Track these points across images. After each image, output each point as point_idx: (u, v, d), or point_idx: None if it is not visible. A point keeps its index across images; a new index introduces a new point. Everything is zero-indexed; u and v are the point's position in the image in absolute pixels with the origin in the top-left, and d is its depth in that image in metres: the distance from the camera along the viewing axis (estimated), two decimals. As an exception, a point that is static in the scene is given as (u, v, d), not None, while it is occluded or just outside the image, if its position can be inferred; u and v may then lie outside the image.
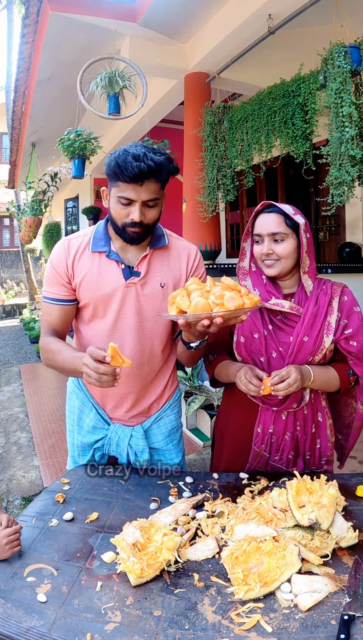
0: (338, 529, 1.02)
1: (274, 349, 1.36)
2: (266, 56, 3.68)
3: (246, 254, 1.45)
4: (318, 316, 1.33)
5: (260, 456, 1.40)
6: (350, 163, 2.58)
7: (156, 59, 3.74)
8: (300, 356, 1.32)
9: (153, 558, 0.96)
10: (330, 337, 1.33)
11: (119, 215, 1.24)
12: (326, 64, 2.62)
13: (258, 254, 1.37)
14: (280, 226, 1.31)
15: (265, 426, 1.38)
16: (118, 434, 1.41)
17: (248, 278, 1.44)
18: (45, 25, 3.44)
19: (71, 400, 1.52)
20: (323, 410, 1.42)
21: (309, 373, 1.29)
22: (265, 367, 1.36)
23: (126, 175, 1.15)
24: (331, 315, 1.34)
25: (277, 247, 1.32)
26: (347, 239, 5.24)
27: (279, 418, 1.37)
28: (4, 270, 15.77)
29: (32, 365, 6.29)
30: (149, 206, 1.23)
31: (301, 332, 1.32)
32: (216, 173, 3.74)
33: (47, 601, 0.88)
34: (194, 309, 1.05)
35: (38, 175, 5.72)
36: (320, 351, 1.32)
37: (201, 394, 3.37)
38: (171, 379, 1.50)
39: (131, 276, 1.31)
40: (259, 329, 1.37)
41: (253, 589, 0.87)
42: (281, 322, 1.36)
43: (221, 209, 3.96)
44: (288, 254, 1.32)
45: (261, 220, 1.35)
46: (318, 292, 1.36)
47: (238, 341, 1.42)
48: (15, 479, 2.95)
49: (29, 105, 5.04)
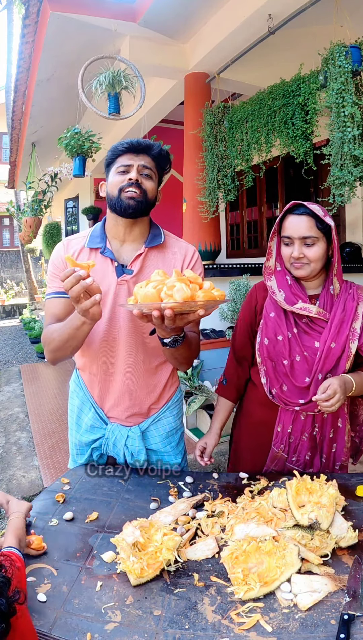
0: (338, 528, 1.02)
1: (298, 352, 1.34)
2: (266, 56, 3.68)
3: (272, 253, 1.42)
4: (345, 322, 1.32)
5: (278, 457, 1.41)
6: (353, 163, 2.57)
7: (156, 59, 3.74)
8: (327, 362, 1.31)
9: (153, 558, 0.96)
10: (355, 343, 1.32)
11: (117, 183, 1.29)
12: (326, 64, 2.62)
13: (287, 257, 1.35)
14: (311, 230, 1.29)
15: (284, 426, 1.39)
16: (115, 434, 1.41)
17: (272, 278, 1.41)
18: (45, 25, 3.44)
19: (72, 399, 1.53)
20: (344, 416, 1.41)
21: (351, 383, 1.28)
22: (288, 370, 1.35)
23: (123, 146, 1.29)
24: (356, 321, 1.32)
25: (308, 251, 1.30)
26: (347, 239, 5.24)
27: (298, 418, 1.38)
28: (4, 270, 15.77)
29: (32, 365, 6.29)
30: (145, 175, 1.30)
31: (329, 339, 1.30)
32: (216, 173, 3.74)
33: (47, 601, 0.88)
34: (144, 299, 1.04)
35: (38, 175, 5.72)
36: (347, 357, 1.31)
37: (201, 394, 3.37)
38: (171, 380, 1.49)
39: (124, 274, 1.33)
40: (283, 332, 1.36)
41: (253, 589, 0.87)
42: (306, 326, 1.35)
43: (222, 209, 3.96)
44: (318, 258, 1.31)
45: (291, 223, 1.32)
46: (346, 296, 1.35)
47: (261, 342, 1.41)
48: (15, 479, 2.95)
49: (29, 105, 5.04)
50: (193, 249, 1.44)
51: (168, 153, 1.34)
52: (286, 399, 1.36)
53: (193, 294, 1.02)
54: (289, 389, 1.36)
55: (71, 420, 1.53)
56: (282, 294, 1.37)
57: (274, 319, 1.38)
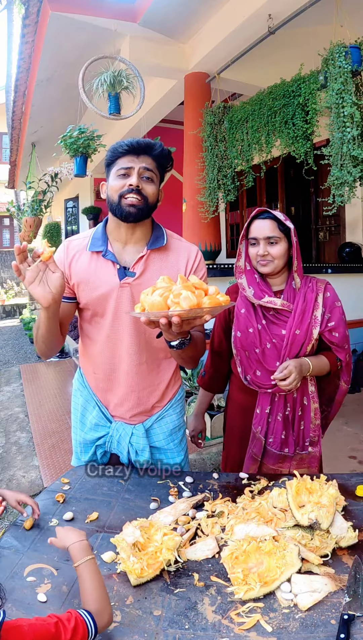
0: (338, 528, 1.02)
1: (268, 341, 1.51)
2: (266, 56, 3.68)
3: (242, 254, 1.58)
4: (307, 311, 1.49)
5: (257, 438, 1.54)
6: (352, 163, 2.58)
7: (156, 59, 3.74)
8: (294, 348, 1.48)
9: (153, 558, 0.96)
10: (317, 329, 1.48)
11: (117, 187, 1.27)
12: (326, 64, 2.62)
13: (253, 255, 1.51)
14: (274, 230, 1.46)
15: (262, 407, 1.54)
16: (119, 432, 1.42)
17: (243, 276, 1.57)
18: (45, 25, 3.44)
19: (75, 397, 1.53)
20: (309, 395, 1.54)
21: (307, 365, 1.45)
22: (260, 357, 1.51)
23: (123, 147, 1.25)
24: (317, 310, 1.50)
25: (272, 249, 1.47)
26: (347, 239, 5.25)
27: (273, 400, 1.53)
28: (4, 270, 15.77)
29: (32, 365, 6.29)
30: (146, 179, 1.27)
31: (294, 326, 1.47)
32: (216, 173, 3.74)
33: (47, 601, 0.88)
34: (151, 307, 1.05)
35: (38, 175, 5.72)
36: (309, 342, 1.48)
37: (201, 394, 3.36)
38: (174, 378, 1.50)
39: (126, 276, 1.32)
40: (253, 324, 1.52)
41: (253, 589, 0.87)
42: (273, 317, 1.52)
43: (222, 209, 3.96)
44: (280, 255, 1.48)
45: (257, 225, 1.49)
46: (306, 289, 1.51)
47: (235, 336, 1.58)
48: (15, 479, 2.95)
49: (29, 105, 5.04)
50: (196, 250, 1.43)
51: (169, 152, 1.33)
52: (259, 383, 1.51)
53: (199, 301, 1.04)
54: (262, 373, 1.51)
55: (74, 418, 1.53)
56: (251, 290, 1.53)
57: (244, 315, 1.55)
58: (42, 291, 1.13)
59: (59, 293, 1.15)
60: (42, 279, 1.13)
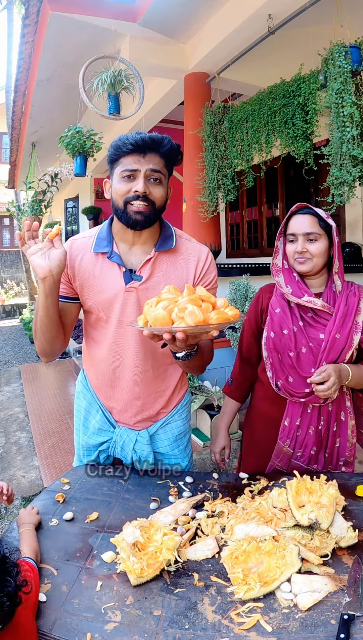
0: (338, 528, 1.02)
1: (304, 344, 1.40)
2: (266, 56, 3.68)
3: (279, 251, 1.49)
4: (348, 315, 1.39)
5: (284, 452, 1.43)
6: (352, 163, 2.57)
7: (156, 59, 3.74)
8: (332, 353, 1.37)
9: (153, 558, 0.96)
10: (358, 335, 1.38)
11: (122, 192, 1.18)
12: (326, 64, 2.62)
13: (291, 252, 1.42)
14: (314, 227, 1.38)
15: (292, 419, 1.42)
16: (123, 438, 1.39)
17: (280, 274, 1.48)
18: (45, 25, 3.44)
19: (78, 400, 1.50)
20: (347, 410, 1.44)
21: (347, 371, 1.34)
22: (294, 362, 1.41)
23: (128, 144, 1.15)
24: (359, 315, 1.39)
25: (311, 246, 1.38)
26: (347, 239, 5.24)
27: (305, 412, 1.41)
28: (4, 270, 15.76)
29: (32, 365, 6.29)
30: (153, 180, 1.18)
31: (333, 330, 1.37)
32: (216, 173, 3.74)
33: (47, 601, 0.88)
34: (154, 321, 0.99)
35: (38, 176, 5.72)
36: (349, 348, 1.38)
37: (201, 394, 3.37)
38: (180, 384, 1.45)
39: (132, 280, 1.25)
40: (289, 326, 1.42)
41: (253, 589, 0.87)
42: (311, 319, 1.41)
43: (221, 209, 3.96)
44: (320, 253, 1.38)
45: (296, 221, 1.40)
46: (348, 292, 1.42)
47: (267, 337, 1.47)
48: (15, 479, 2.95)
49: (29, 105, 5.04)
50: (206, 251, 1.35)
51: (178, 146, 1.22)
52: (292, 390, 1.40)
53: (206, 316, 0.98)
54: (295, 380, 1.41)
55: (77, 421, 1.49)
56: (289, 289, 1.43)
57: (280, 314, 1.44)
58: (42, 262, 1.13)
59: (58, 267, 1.14)
60: (45, 253, 1.14)
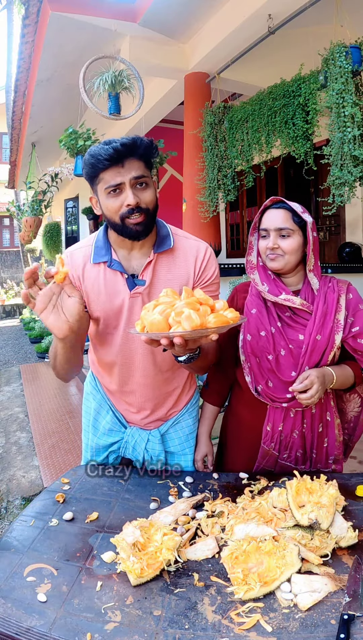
0: (338, 528, 1.02)
1: (283, 346, 1.33)
2: (266, 56, 3.68)
3: (253, 248, 1.42)
4: (328, 314, 1.32)
5: (269, 455, 1.39)
6: (353, 163, 2.57)
7: (156, 59, 3.74)
8: (314, 356, 1.30)
9: (152, 558, 0.96)
10: (340, 335, 1.31)
11: (114, 209, 1.15)
12: (327, 64, 2.63)
13: (263, 249, 1.36)
14: (287, 222, 1.31)
15: (274, 424, 1.37)
16: (135, 438, 1.39)
17: (255, 272, 1.41)
18: (45, 25, 3.44)
19: (87, 401, 1.49)
20: (332, 409, 1.40)
21: (331, 375, 1.28)
22: (274, 365, 1.33)
23: (103, 158, 1.09)
24: (339, 312, 1.32)
25: (283, 242, 1.31)
26: (347, 239, 5.25)
27: (287, 416, 1.36)
28: (4, 270, 15.77)
29: (32, 365, 6.29)
30: (140, 186, 1.15)
31: (314, 331, 1.30)
32: (216, 173, 3.74)
33: (47, 601, 0.88)
34: (151, 326, 0.97)
35: (38, 175, 5.73)
36: (331, 349, 1.31)
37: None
38: (189, 383, 1.45)
39: (136, 285, 1.24)
40: (266, 327, 1.34)
41: (253, 589, 0.87)
42: (290, 319, 1.34)
43: (222, 209, 3.97)
44: (292, 250, 1.31)
45: (269, 215, 1.34)
46: (326, 289, 1.35)
47: (244, 339, 1.39)
48: (15, 479, 2.95)
49: (29, 105, 5.04)
50: (205, 247, 1.32)
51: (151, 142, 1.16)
52: (273, 395, 1.33)
53: (203, 320, 0.95)
54: (275, 384, 1.34)
55: (86, 422, 1.48)
56: (266, 287, 1.36)
57: (256, 315, 1.37)
58: (57, 320, 1.01)
59: (77, 321, 1.03)
60: (56, 304, 1.02)
